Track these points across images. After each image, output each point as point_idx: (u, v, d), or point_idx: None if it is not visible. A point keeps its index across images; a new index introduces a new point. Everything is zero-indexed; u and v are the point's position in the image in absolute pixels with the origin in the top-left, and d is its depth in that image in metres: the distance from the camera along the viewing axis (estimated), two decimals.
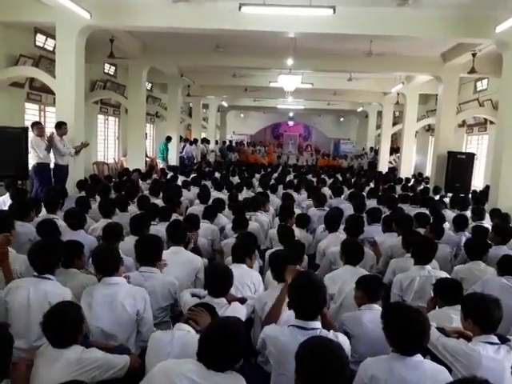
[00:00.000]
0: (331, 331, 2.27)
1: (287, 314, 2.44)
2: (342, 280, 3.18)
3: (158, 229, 4.33)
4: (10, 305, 2.63)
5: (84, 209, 4.84)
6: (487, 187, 8.71)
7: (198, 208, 5.78)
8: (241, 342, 1.90)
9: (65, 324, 2.12)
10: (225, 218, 5.36)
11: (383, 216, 5.22)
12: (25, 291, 2.63)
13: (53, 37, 8.07)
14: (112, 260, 2.78)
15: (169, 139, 13.24)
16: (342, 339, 2.21)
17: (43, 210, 4.75)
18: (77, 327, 2.18)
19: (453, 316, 2.61)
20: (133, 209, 5.49)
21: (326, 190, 8.18)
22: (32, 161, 7.01)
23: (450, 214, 6.22)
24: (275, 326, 2.32)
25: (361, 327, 2.60)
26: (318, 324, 2.23)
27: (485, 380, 1.57)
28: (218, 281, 2.66)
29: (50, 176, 6.99)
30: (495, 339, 2.28)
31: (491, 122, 11.33)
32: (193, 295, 2.83)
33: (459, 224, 5.14)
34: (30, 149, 6.96)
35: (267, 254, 3.56)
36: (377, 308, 2.65)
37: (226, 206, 5.85)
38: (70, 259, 3.05)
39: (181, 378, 1.84)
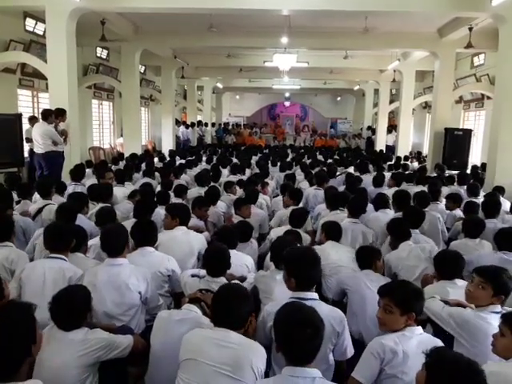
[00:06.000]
0: (329, 305, 2.33)
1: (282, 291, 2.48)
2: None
3: (157, 211, 4.36)
4: (25, 281, 2.71)
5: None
6: (483, 165, 8.68)
7: (195, 190, 5.77)
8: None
9: (73, 309, 2.14)
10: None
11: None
12: (40, 269, 2.75)
13: (43, 21, 7.92)
14: (120, 240, 2.79)
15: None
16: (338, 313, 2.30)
17: (37, 195, 4.77)
18: (84, 311, 2.20)
19: (449, 290, 2.65)
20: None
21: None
22: (39, 149, 6.67)
23: (448, 190, 6.23)
24: (275, 303, 2.35)
25: (358, 282, 2.84)
26: (315, 295, 2.30)
27: None
28: (215, 260, 2.69)
29: (61, 164, 6.84)
30: (500, 308, 2.33)
31: (488, 98, 11.27)
32: (192, 275, 2.86)
33: (454, 201, 5.17)
34: (37, 137, 6.58)
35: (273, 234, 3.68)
36: (376, 275, 2.93)
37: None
38: (78, 244, 3.08)
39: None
